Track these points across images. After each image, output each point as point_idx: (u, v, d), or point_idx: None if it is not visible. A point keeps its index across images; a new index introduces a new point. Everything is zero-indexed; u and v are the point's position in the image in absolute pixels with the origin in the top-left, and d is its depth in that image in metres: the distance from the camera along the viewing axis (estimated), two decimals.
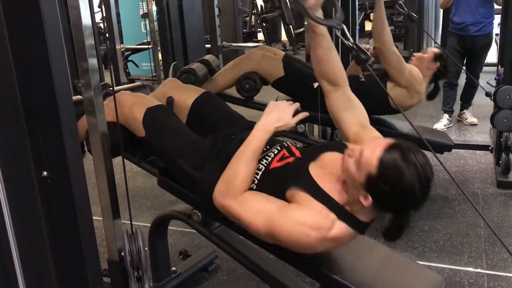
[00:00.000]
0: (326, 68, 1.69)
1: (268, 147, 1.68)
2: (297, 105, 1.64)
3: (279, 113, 1.59)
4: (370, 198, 1.34)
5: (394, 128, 2.99)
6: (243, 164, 1.54)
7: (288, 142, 1.72)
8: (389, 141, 1.35)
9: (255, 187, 1.58)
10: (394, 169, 1.29)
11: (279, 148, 1.68)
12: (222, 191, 1.54)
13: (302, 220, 1.40)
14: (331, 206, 1.43)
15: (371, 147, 1.35)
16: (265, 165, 1.62)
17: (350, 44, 1.40)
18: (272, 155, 1.64)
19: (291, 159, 1.61)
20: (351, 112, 1.67)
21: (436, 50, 3.01)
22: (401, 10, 3.43)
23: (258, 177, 1.59)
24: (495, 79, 3.53)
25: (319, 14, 1.57)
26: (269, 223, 1.43)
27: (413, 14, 3.50)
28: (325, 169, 1.51)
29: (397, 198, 1.32)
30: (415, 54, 3.06)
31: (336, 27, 1.42)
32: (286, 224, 1.40)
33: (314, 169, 1.52)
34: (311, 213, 1.41)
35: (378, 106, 2.76)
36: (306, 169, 1.52)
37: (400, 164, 1.29)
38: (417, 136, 1.74)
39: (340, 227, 1.41)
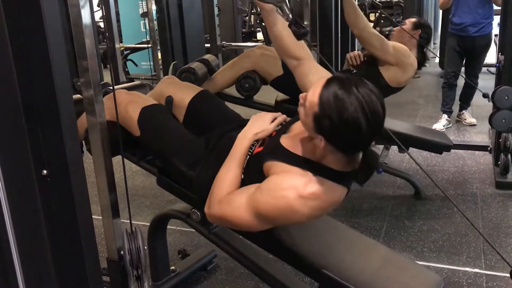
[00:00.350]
0: (284, 43, 1.69)
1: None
2: (277, 114, 1.67)
3: (258, 122, 1.65)
4: (323, 139, 1.32)
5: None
6: (225, 172, 1.56)
7: None
8: (329, 76, 1.33)
9: (243, 176, 1.59)
10: (334, 103, 1.26)
11: None
12: (208, 202, 1.55)
13: (275, 185, 1.40)
14: (304, 165, 1.42)
15: (312, 87, 1.33)
16: (250, 153, 1.63)
17: (289, 19, 1.47)
18: (256, 143, 1.65)
19: (267, 140, 1.63)
20: (315, 76, 1.64)
21: (413, 19, 3.06)
22: None
23: (244, 166, 1.60)
24: (495, 65, 3.49)
25: None
26: (252, 206, 1.42)
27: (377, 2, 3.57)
28: (295, 136, 1.51)
29: (345, 132, 1.28)
30: (394, 28, 3.10)
31: (275, 4, 1.50)
32: (263, 196, 1.40)
33: (285, 140, 1.53)
34: (283, 177, 1.41)
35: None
36: (278, 142, 1.53)
37: (340, 97, 1.25)
38: (417, 136, 1.76)
39: (316, 182, 1.37)
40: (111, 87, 2.03)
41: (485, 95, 3.25)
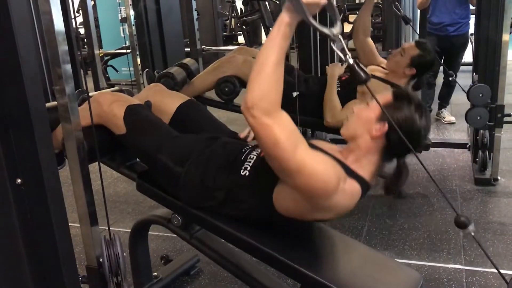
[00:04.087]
0: None
1: (249, 146, 1.72)
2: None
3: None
4: (386, 125, 1.41)
5: None
6: (273, 68, 1.33)
7: None
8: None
9: (247, 173, 1.58)
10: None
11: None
12: (256, 102, 1.30)
13: (327, 166, 1.38)
14: (340, 164, 1.45)
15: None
16: (256, 155, 1.62)
17: (350, 61, 1.24)
18: (260, 150, 1.64)
19: None
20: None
21: (416, 50, 2.74)
22: (397, 11, 3.33)
23: (250, 164, 1.59)
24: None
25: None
26: (300, 151, 1.32)
27: (407, 17, 3.47)
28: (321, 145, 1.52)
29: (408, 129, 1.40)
30: (392, 52, 2.91)
31: (332, 38, 1.25)
32: (317, 163, 1.35)
33: (314, 142, 1.54)
34: (331, 162, 1.41)
35: None
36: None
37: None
38: None
39: (350, 182, 1.44)
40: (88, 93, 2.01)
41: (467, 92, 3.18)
